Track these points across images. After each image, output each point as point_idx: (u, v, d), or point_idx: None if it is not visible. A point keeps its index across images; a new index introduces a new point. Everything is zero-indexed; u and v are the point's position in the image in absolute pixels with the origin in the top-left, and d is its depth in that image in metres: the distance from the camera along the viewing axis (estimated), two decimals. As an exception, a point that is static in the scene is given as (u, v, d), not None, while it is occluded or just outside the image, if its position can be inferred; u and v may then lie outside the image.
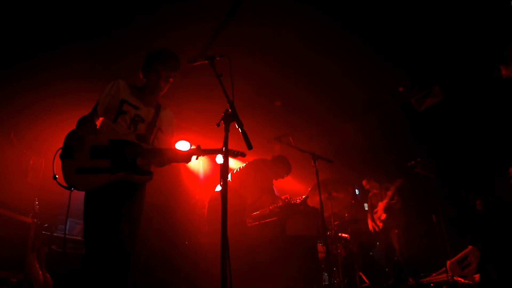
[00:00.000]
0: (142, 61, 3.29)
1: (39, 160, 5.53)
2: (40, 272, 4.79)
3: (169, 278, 5.80)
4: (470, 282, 5.61)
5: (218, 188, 5.77)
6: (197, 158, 3.25)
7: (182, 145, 6.93)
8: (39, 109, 5.89)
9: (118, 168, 2.88)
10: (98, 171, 2.81)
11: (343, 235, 6.10)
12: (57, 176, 2.78)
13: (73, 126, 3.03)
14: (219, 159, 6.58)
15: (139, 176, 2.99)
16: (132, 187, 3.03)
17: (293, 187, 8.53)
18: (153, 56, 3.23)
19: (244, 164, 5.91)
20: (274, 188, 8.05)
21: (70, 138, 2.90)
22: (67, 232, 5.60)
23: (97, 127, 2.99)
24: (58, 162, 2.84)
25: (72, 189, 2.80)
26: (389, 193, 7.13)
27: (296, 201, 5.40)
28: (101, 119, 3.14)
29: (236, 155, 3.13)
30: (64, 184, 2.76)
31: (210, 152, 3.16)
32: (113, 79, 3.20)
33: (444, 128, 7.47)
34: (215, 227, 5.29)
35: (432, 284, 6.02)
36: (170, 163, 3.28)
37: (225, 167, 2.47)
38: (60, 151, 2.85)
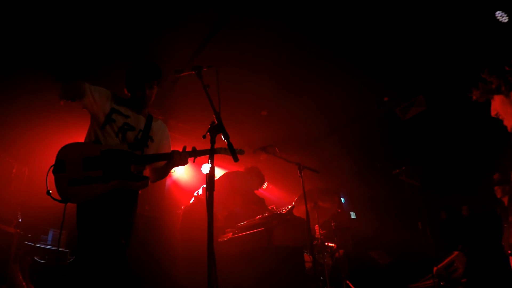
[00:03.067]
0: (123, 78, 3.30)
1: (22, 168, 5.44)
2: (24, 283, 4.71)
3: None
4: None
5: (192, 200, 5.77)
6: (194, 161, 3.23)
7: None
8: (23, 117, 5.81)
9: (112, 177, 2.87)
10: (91, 181, 2.80)
11: (329, 244, 6.11)
12: (51, 191, 2.77)
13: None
14: (205, 169, 6.55)
15: (134, 183, 2.98)
16: (125, 196, 3.01)
17: (279, 197, 8.54)
18: (132, 71, 3.23)
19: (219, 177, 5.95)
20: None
21: (63, 153, 2.88)
22: (51, 242, 5.52)
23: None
24: (50, 177, 2.82)
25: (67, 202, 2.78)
26: None
27: (282, 211, 5.39)
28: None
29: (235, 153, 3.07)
30: (58, 198, 2.74)
31: (207, 153, 3.12)
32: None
33: (428, 137, 7.56)
34: (189, 240, 5.31)
35: (419, 291, 6.07)
36: (167, 169, 3.27)
37: (211, 175, 2.47)
38: (52, 167, 2.83)
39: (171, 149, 3.28)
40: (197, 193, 5.80)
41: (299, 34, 5.61)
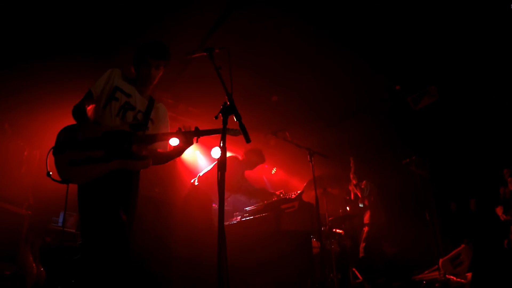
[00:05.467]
0: (131, 60, 3.31)
1: (34, 151, 5.49)
2: (34, 264, 4.76)
3: (163, 271, 5.80)
4: (462, 281, 5.66)
5: (196, 181, 5.82)
6: (197, 141, 3.19)
7: (175, 142, 6.87)
8: (35, 100, 5.85)
9: (113, 156, 2.86)
10: (91, 161, 2.79)
11: (337, 230, 6.12)
12: (51, 173, 2.77)
13: (68, 119, 3.03)
14: (215, 153, 6.55)
15: (136, 162, 2.98)
16: (127, 175, 3.02)
17: (288, 182, 8.54)
18: (142, 48, 3.24)
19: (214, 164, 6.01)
20: (269, 184, 8.06)
21: (62, 134, 2.89)
22: (62, 224, 5.58)
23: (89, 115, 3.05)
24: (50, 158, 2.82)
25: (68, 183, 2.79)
26: None
27: (291, 196, 5.41)
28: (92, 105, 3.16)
29: (237, 133, 2.99)
30: (59, 178, 2.75)
31: (210, 133, 3.09)
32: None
33: (439, 127, 7.50)
34: (190, 222, 5.39)
35: (424, 282, 6.07)
36: (174, 155, 3.29)
37: (223, 157, 2.45)
38: (52, 149, 2.83)
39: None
40: (194, 180, 5.85)
41: (312, 21, 5.55)
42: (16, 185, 5.12)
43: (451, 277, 5.81)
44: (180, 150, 3.22)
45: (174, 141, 3.21)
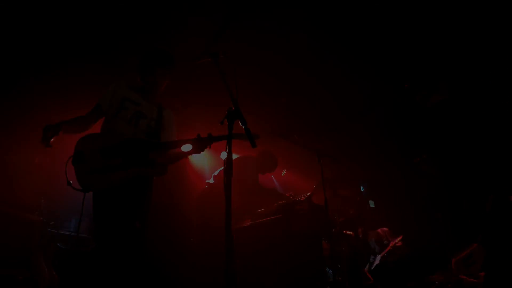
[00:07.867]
0: (137, 63, 3.34)
1: (45, 158, 5.55)
2: (47, 269, 4.81)
3: (174, 275, 5.82)
4: (475, 281, 5.59)
5: (211, 180, 5.80)
6: (210, 147, 3.22)
7: (187, 147, 6.88)
8: (45, 108, 5.91)
9: (131, 164, 2.93)
10: (111, 170, 2.87)
11: (347, 232, 6.09)
12: (71, 182, 2.83)
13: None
14: (224, 156, 6.49)
15: (153, 170, 3.06)
16: (141, 181, 3.06)
17: (298, 184, 8.52)
18: (147, 56, 3.30)
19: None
20: (279, 186, 8.05)
21: (80, 144, 2.96)
22: (73, 230, 5.64)
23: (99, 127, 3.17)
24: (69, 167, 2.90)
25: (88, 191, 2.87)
26: None
27: (301, 198, 5.39)
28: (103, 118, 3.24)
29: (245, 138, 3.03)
30: (78, 187, 2.82)
31: (223, 138, 3.07)
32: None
33: (450, 125, 7.42)
34: (204, 223, 5.37)
35: (437, 283, 6.00)
36: (183, 156, 3.34)
37: (229, 160, 2.47)
38: (71, 158, 2.90)
39: (189, 138, 3.28)
40: (209, 180, 5.86)
41: (318, 21, 5.53)
42: (27, 192, 5.19)
43: (464, 277, 5.74)
44: (190, 153, 3.27)
45: (186, 147, 3.25)
